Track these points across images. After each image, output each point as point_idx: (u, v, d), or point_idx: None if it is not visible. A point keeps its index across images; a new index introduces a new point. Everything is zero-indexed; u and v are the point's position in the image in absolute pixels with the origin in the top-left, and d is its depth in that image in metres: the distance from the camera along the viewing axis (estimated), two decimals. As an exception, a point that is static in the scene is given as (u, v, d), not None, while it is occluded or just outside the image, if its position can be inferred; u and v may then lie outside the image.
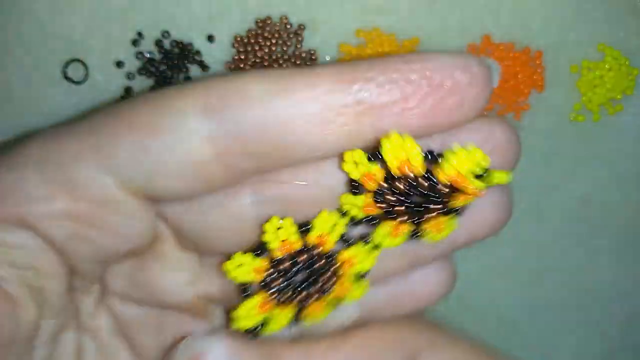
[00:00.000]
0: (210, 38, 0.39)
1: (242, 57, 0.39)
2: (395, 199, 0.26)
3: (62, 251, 0.27)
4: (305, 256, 0.27)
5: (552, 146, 0.42)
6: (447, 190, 0.25)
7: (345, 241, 0.27)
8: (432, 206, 0.26)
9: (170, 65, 0.39)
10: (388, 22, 0.40)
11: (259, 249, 0.27)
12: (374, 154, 0.25)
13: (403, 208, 0.26)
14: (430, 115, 0.24)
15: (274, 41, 0.39)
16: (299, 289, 0.28)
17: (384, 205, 0.26)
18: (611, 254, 0.43)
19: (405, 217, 0.26)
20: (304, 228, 0.27)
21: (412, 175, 0.25)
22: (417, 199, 0.26)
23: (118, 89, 0.39)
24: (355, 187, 0.26)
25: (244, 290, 0.28)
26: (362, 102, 0.24)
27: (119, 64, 0.39)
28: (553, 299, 0.43)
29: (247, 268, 0.27)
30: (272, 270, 0.27)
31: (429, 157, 0.25)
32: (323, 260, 0.28)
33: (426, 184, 0.25)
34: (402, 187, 0.25)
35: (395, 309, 0.31)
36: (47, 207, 0.26)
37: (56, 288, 0.27)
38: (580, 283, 0.43)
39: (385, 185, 0.26)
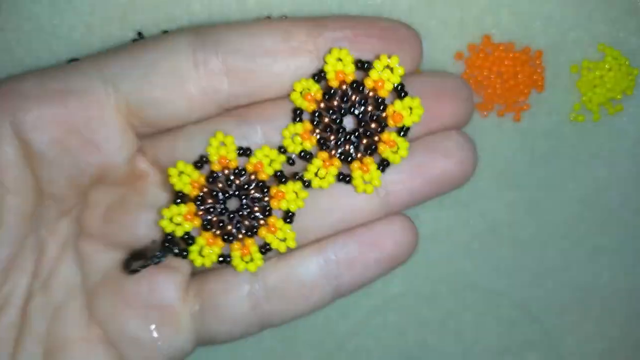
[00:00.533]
0: (210, 38, 0.39)
1: (242, 57, 0.39)
2: (329, 120, 0.30)
3: (38, 162, 0.28)
4: (240, 179, 0.30)
5: (552, 146, 0.42)
6: (372, 100, 0.30)
7: (279, 178, 0.30)
8: (361, 137, 0.30)
9: (170, 65, 0.39)
10: (388, 22, 0.40)
11: (200, 162, 0.30)
12: (317, 73, 0.29)
13: (334, 137, 0.30)
14: (378, 48, 0.30)
15: (273, 41, 0.39)
16: (229, 216, 0.30)
17: (319, 131, 0.30)
18: (611, 254, 0.43)
19: (336, 148, 0.30)
20: (245, 152, 0.30)
21: (344, 87, 0.30)
22: (348, 123, 0.30)
23: (118, 89, 0.39)
24: (297, 114, 0.30)
25: (177, 197, 0.30)
26: (319, 35, 0.29)
27: (119, 64, 0.39)
28: (553, 299, 0.43)
29: (186, 178, 0.29)
30: (207, 185, 0.30)
31: (360, 65, 0.30)
32: (256, 189, 0.30)
33: (354, 97, 0.30)
34: (336, 103, 0.30)
35: (363, 263, 0.33)
36: (37, 107, 0.28)
37: (16, 207, 0.28)
38: (580, 283, 0.43)
39: (322, 104, 0.30)
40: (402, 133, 0.30)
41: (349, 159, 0.30)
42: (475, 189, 0.42)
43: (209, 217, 0.29)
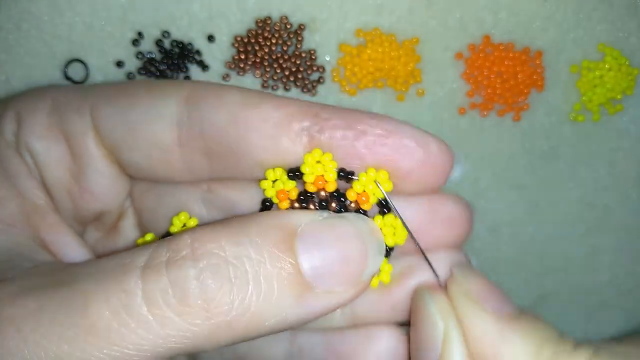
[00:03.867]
0: (210, 38, 0.39)
1: (242, 56, 0.39)
2: None
3: (51, 197, 0.29)
4: None
5: (552, 146, 0.42)
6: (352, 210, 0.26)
7: None
8: None
9: (170, 65, 0.39)
10: (388, 22, 0.40)
11: (165, 237, 0.27)
12: (294, 170, 0.26)
13: None
14: (379, 167, 0.26)
15: (274, 41, 0.39)
16: None
17: None
18: (611, 254, 0.43)
19: None
20: None
21: (323, 193, 0.26)
22: None
23: (118, 89, 0.39)
24: (266, 206, 0.27)
25: None
26: (314, 135, 0.26)
27: (119, 64, 0.39)
28: (553, 298, 0.43)
29: None
30: None
31: (343, 174, 0.26)
32: None
33: (334, 205, 0.26)
34: (312, 207, 0.26)
35: None
36: (48, 146, 0.28)
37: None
38: (580, 283, 0.43)
39: (297, 205, 0.26)
40: (385, 254, 0.26)
41: None
42: (476, 189, 0.42)
43: None
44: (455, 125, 0.41)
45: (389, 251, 0.26)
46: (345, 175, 0.26)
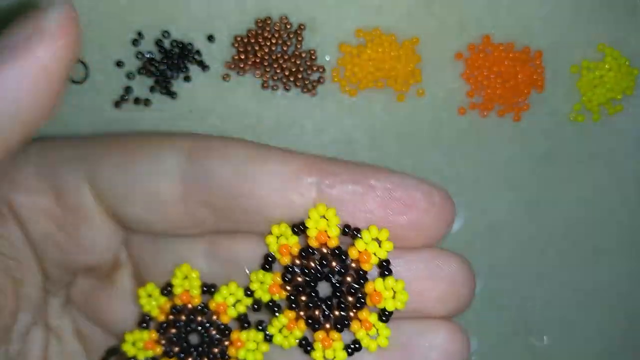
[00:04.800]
0: (210, 38, 0.39)
1: (242, 57, 0.39)
2: (302, 280, 0.27)
3: (35, 249, 0.28)
4: (201, 317, 0.28)
5: (552, 146, 0.42)
6: (353, 272, 0.26)
7: (242, 322, 0.28)
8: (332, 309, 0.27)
9: (170, 65, 0.39)
10: (388, 22, 0.40)
11: (167, 288, 0.28)
12: (298, 225, 0.26)
13: (305, 298, 0.27)
14: (383, 223, 0.26)
15: (274, 41, 0.39)
16: (190, 350, 0.29)
17: (289, 288, 0.27)
18: (611, 254, 0.43)
19: (305, 310, 0.27)
20: (210, 289, 0.28)
21: (324, 250, 0.26)
22: (323, 288, 0.27)
23: (118, 89, 0.39)
24: (268, 261, 0.27)
25: (143, 321, 0.29)
26: (323, 190, 0.26)
27: (119, 64, 0.39)
28: (553, 299, 0.43)
29: (153, 301, 0.28)
30: (171, 315, 0.28)
31: (348, 231, 0.26)
32: (217, 331, 0.28)
33: (334, 263, 0.26)
34: (313, 264, 0.26)
35: None
36: (34, 200, 0.27)
37: (34, 281, 0.28)
38: (580, 283, 0.43)
39: (298, 261, 0.27)
40: (383, 317, 0.26)
41: (316, 326, 0.27)
42: (476, 189, 0.42)
43: (170, 348, 0.29)
44: (455, 126, 0.41)
45: (388, 315, 0.26)
46: (351, 231, 0.26)
